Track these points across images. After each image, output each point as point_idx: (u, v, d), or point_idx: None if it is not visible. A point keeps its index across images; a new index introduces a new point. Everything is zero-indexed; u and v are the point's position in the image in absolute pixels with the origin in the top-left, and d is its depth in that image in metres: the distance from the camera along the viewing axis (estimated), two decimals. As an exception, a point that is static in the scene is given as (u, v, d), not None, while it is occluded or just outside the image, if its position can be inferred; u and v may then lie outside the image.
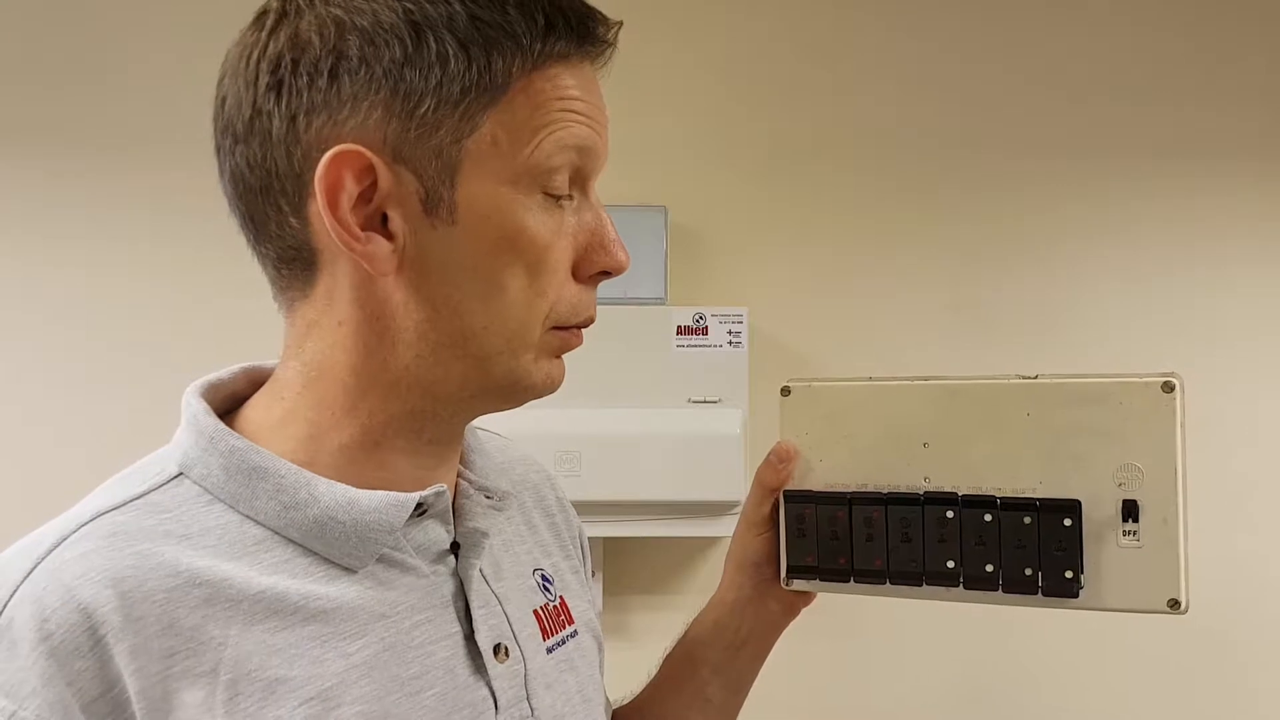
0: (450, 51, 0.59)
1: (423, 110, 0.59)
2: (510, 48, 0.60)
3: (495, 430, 0.86)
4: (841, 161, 2.03)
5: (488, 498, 0.72)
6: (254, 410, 0.66)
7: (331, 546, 0.62)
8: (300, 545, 0.61)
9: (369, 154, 0.59)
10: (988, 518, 0.79)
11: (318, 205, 0.60)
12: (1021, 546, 0.78)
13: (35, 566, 0.56)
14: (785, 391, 0.88)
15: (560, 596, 0.77)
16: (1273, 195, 2.06)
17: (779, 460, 0.86)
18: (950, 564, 0.80)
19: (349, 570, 0.62)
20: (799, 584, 0.87)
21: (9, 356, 1.95)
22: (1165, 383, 0.77)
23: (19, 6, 1.95)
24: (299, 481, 0.61)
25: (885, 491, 0.83)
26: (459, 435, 0.70)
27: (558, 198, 0.63)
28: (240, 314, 1.93)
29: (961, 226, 2.04)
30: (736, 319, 1.88)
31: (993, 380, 0.80)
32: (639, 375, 1.85)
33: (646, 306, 1.89)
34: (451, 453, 0.70)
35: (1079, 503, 0.77)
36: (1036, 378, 0.79)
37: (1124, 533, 0.77)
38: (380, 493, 0.63)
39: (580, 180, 0.65)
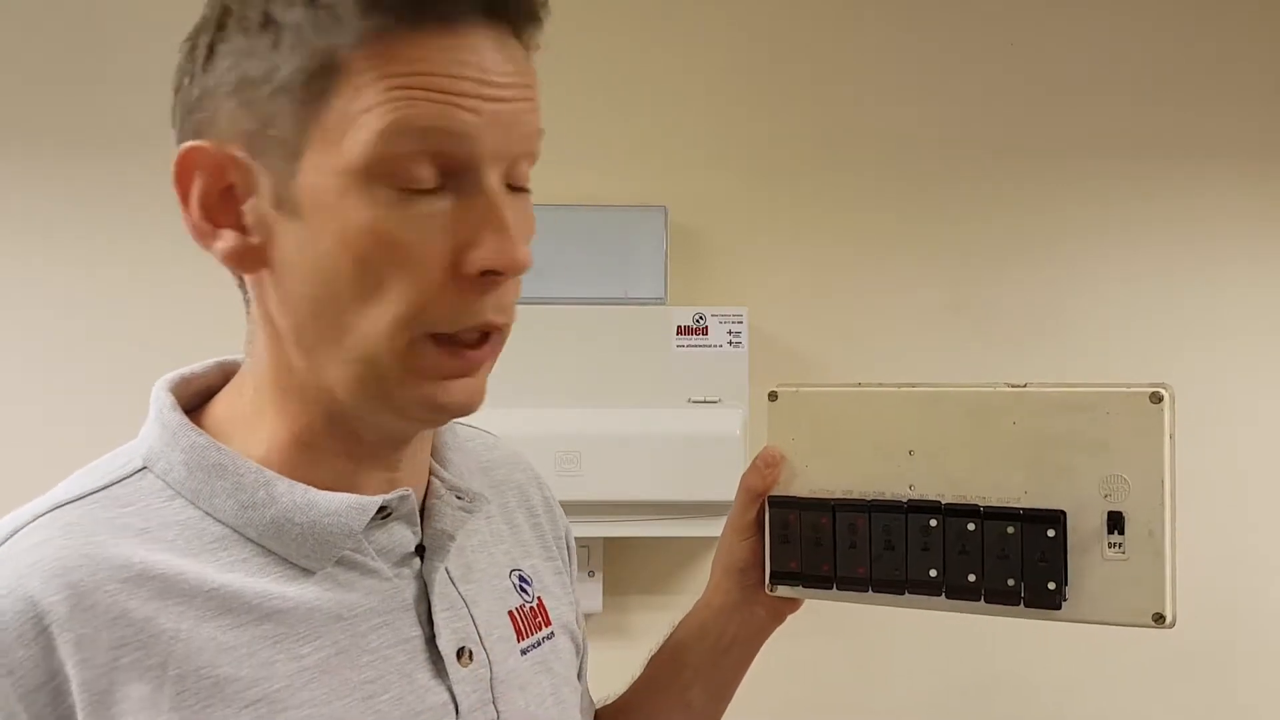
0: (284, 35, 0.56)
1: (261, 98, 0.56)
2: (335, 24, 0.55)
3: (485, 428, 0.85)
4: (841, 162, 2.03)
5: (459, 498, 0.70)
6: (219, 405, 0.66)
7: (289, 547, 0.60)
8: (258, 544, 0.60)
9: (212, 148, 0.58)
10: (970, 527, 0.78)
11: None
12: (1004, 557, 0.77)
13: None
14: (773, 397, 0.89)
15: (538, 598, 0.75)
16: (1272, 195, 2.06)
17: (765, 465, 0.86)
18: (933, 573, 0.80)
19: (307, 571, 0.61)
20: (783, 590, 0.86)
21: (10, 356, 1.95)
22: (1153, 393, 0.76)
23: (18, 6, 1.95)
24: (258, 481, 0.61)
25: (869, 499, 0.82)
26: (409, 439, 0.66)
27: (414, 190, 0.57)
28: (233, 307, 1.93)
29: (961, 226, 2.04)
30: (736, 319, 1.88)
31: (979, 389, 0.79)
32: (639, 375, 1.85)
33: (646, 306, 1.89)
34: (413, 453, 0.67)
35: (1063, 513, 0.76)
36: (1025, 386, 0.78)
37: (1109, 545, 0.75)
38: (341, 495, 0.62)
39: (454, 166, 0.58)
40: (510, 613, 0.71)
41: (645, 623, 1.91)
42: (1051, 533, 0.76)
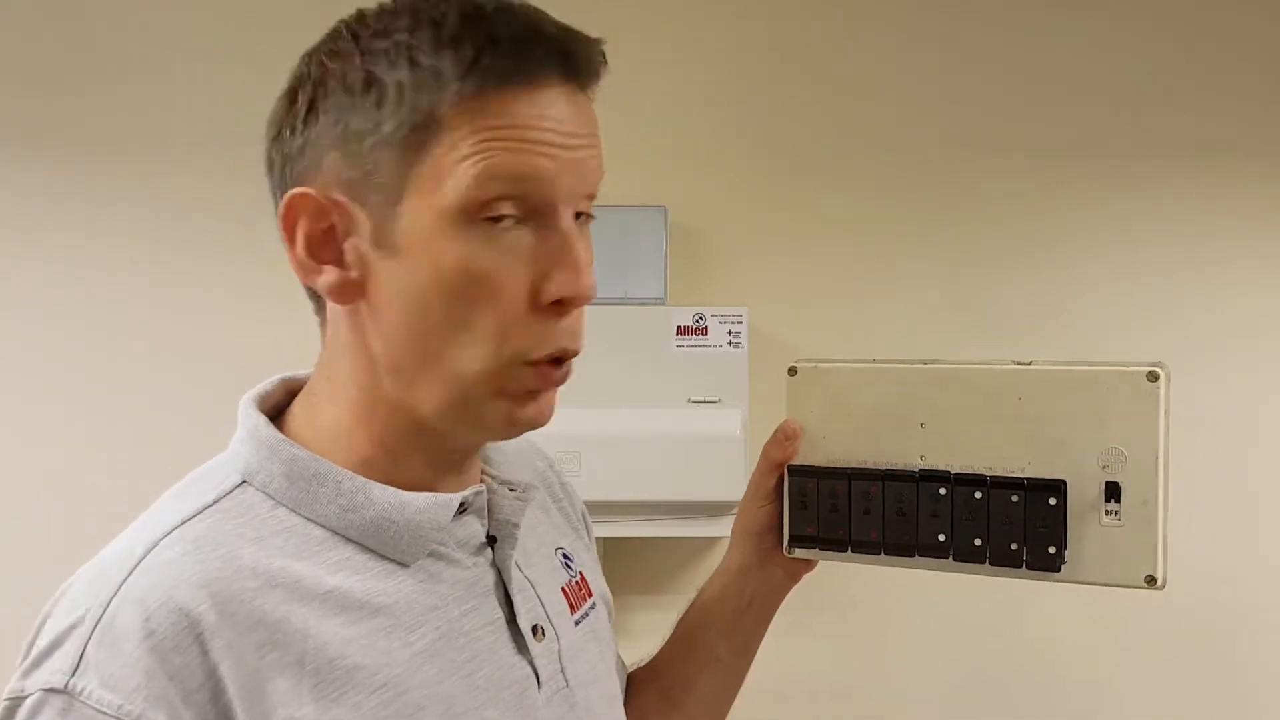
0: (387, 94, 0.63)
1: (365, 149, 0.64)
2: (438, 85, 0.63)
3: None
4: (841, 161, 2.03)
5: (511, 490, 0.77)
6: (297, 422, 0.72)
7: (387, 544, 0.67)
8: (358, 544, 0.67)
9: (317, 195, 0.65)
10: (978, 495, 0.83)
11: None
12: (1009, 523, 0.83)
13: (131, 573, 0.61)
14: (792, 371, 0.91)
15: (580, 572, 0.83)
16: (1272, 195, 2.06)
17: (784, 437, 0.91)
18: (941, 537, 0.85)
19: (402, 565, 0.68)
20: (800, 552, 0.92)
21: (10, 357, 1.95)
22: (1150, 372, 0.81)
23: (17, 6, 1.95)
24: (355, 486, 0.67)
25: (883, 468, 0.87)
26: (480, 447, 0.76)
27: (499, 222, 0.64)
28: (243, 312, 1.93)
29: (961, 226, 2.04)
30: (736, 319, 1.88)
31: (987, 366, 0.85)
32: (639, 375, 1.85)
33: (646, 306, 1.89)
34: (476, 458, 0.76)
35: (1064, 483, 0.82)
36: (1030, 364, 0.83)
37: (1106, 512, 0.81)
38: (427, 494, 0.69)
39: (535, 206, 0.66)
40: (563, 589, 0.79)
41: (645, 622, 1.90)
42: (1053, 500, 0.81)
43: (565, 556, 0.83)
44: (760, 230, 2.02)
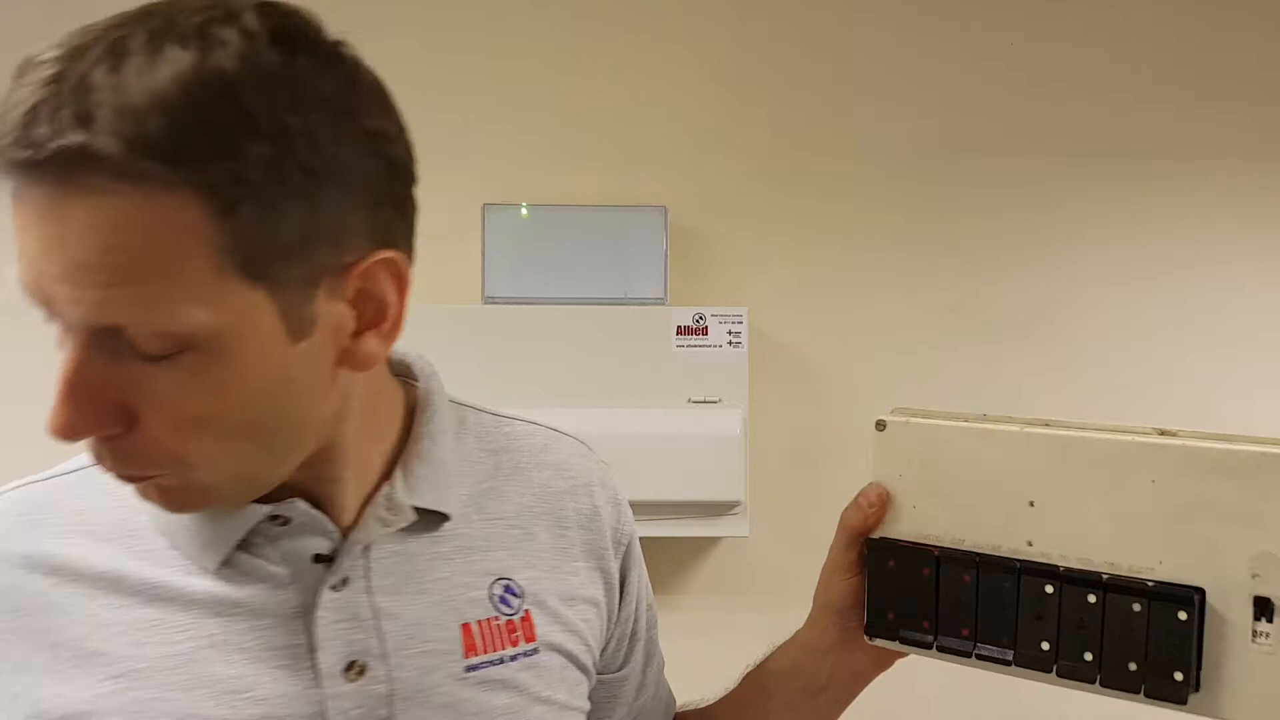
0: None
1: None
2: None
3: (562, 429, 0.85)
4: (841, 161, 2.03)
5: (388, 511, 0.68)
6: None
7: (182, 545, 0.65)
8: (166, 538, 0.65)
9: None
10: (1091, 599, 0.69)
11: None
12: (1127, 637, 0.68)
13: None
14: (880, 426, 0.79)
15: (526, 611, 0.73)
16: (1272, 195, 2.06)
17: (867, 504, 0.79)
18: (1045, 645, 0.71)
19: (204, 569, 0.65)
20: (880, 641, 0.79)
21: (12, 359, 1.95)
22: None
23: (16, 6, 1.95)
24: None
25: (979, 553, 0.73)
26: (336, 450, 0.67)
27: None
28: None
29: (961, 226, 2.04)
30: (736, 319, 1.88)
31: (1116, 435, 0.70)
32: (639, 375, 1.85)
33: (646, 306, 1.89)
34: (336, 472, 0.67)
35: (1201, 592, 0.66)
36: (1175, 435, 0.69)
37: (1255, 634, 0.65)
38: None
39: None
40: (466, 625, 0.70)
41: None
42: (1184, 615, 0.66)
43: (509, 589, 0.73)
44: (760, 230, 2.01)
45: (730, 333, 1.87)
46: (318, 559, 0.66)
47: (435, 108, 1.94)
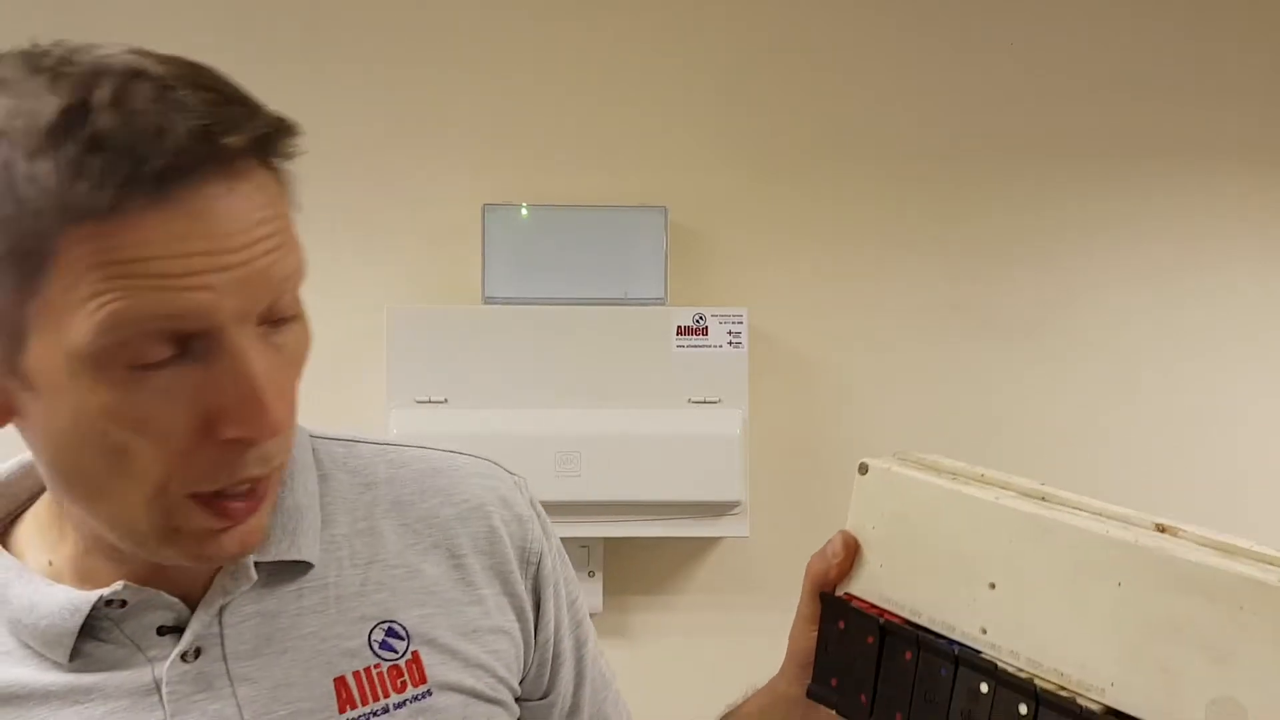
0: None
1: None
2: (39, 203, 0.50)
3: (452, 449, 0.80)
4: (841, 161, 2.03)
5: (231, 577, 0.66)
6: (36, 507, 0.68)
7: (32, 643, 0.63)
8: (18, 639, 0.63)
9: None
10: (1022, 709, 0.59)
11: None
12: None
13: None
14: (863, 469, 0.72)
15: (414, 652, 0.69)
16: (1272, 195, 2.06)
17: (832, 554, 0.74)
18: None
19: (58, 663, 0.63)
20: (821, 702, 0.73)
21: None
22: None
23: (14, 6, 1.95)
24: (1, 582, 0.63)
25: (923, 630, 0.66)
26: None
27: (150, 366, 0.53)
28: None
29: (961, 226, 2.04)
30: (736, 319, 1.88)
31: (1093, 522, 0.60)
32: (639, 375, 1.85)
33: (646, 306, 1.89)
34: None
35: None
36: (1174, 533, 0.58)
37: None
38: (61, 595, 0.62)
39: (197, 336, 0.54)
40: (340, 679, 0.67)
41: (645, 623, 1.91)
42: None
43: (391, 632, 0.69)
44: (760, 230, 2.01)
45: (730, 333, 1.87)
46: (161, 631, 0.64)
47: (435, 108, 1.94)
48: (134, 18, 1.96)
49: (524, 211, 1.90)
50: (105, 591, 0.61)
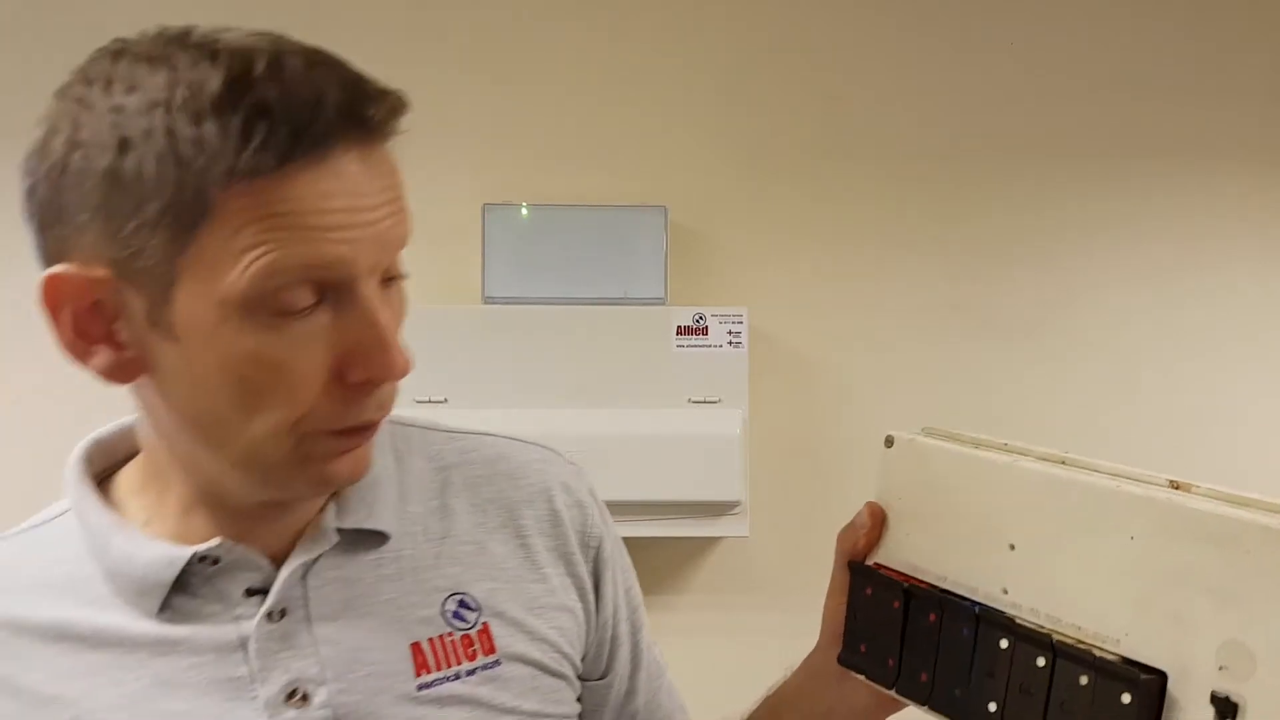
0: (146, 170, 0.56)
1: (126, 231, 0.57)
2: (204, 163, 0.55)
3: (521, 437, 0.83)
4: (841, 161, 2.03)
5: (312, 540, 0.70)
6: (125, 473, 0.72)
7: (126, 593, 0.66)
8: (114, 587, 0.67)
9: (79, 273, 0.59)
10: (1040, 662, 0.61)
11: None
12: (1072, 712, 0.59)
13: None
14: (889, 442, 0.73)
15: (484, 624, 0.73)
16: (1272, 195, 2.06)
17: (859, 525, 0.76)
18: (992, 707, 0.63)
19: (148, 614, 0.66)
20: (853, 671, 0.75)
21: (14, 361, 1.95)
22: None
23: (14, 6, 1.95)
24: (102, 534, 0.67)
25: (945, 592, 0.68)
26: (283, 505, 0.69)
27: (292, 312, 0.59)
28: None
29: (961, 226, 2.04)
30: (736, 319, 1.88)
31: (1102, 479, 0.61)
32: (639, 375, 1.85)
33: (646, 306, 1.89)
34: (282, 512, 0.69)
35: (1162, 677, 0.56)
36: (1187, 489, 0.59)
37: None
38: (159, 549, 0.66)
39: (334, 287, 0.60)
40: (416, 645, 0.70)
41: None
42: (1127, 698, 0.56)
43: (463, 604, 0.73)
44: (760, 230, 2.02)
45: (730, 333, 1.87)
46: (249, 593, 0.67)
47: (435, 108, 1.94)
48: (134, 17, 1.97)
49: (524, 211, 1.90)
50: (201, 547, 0.66)
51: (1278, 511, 0.54)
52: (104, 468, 0.72)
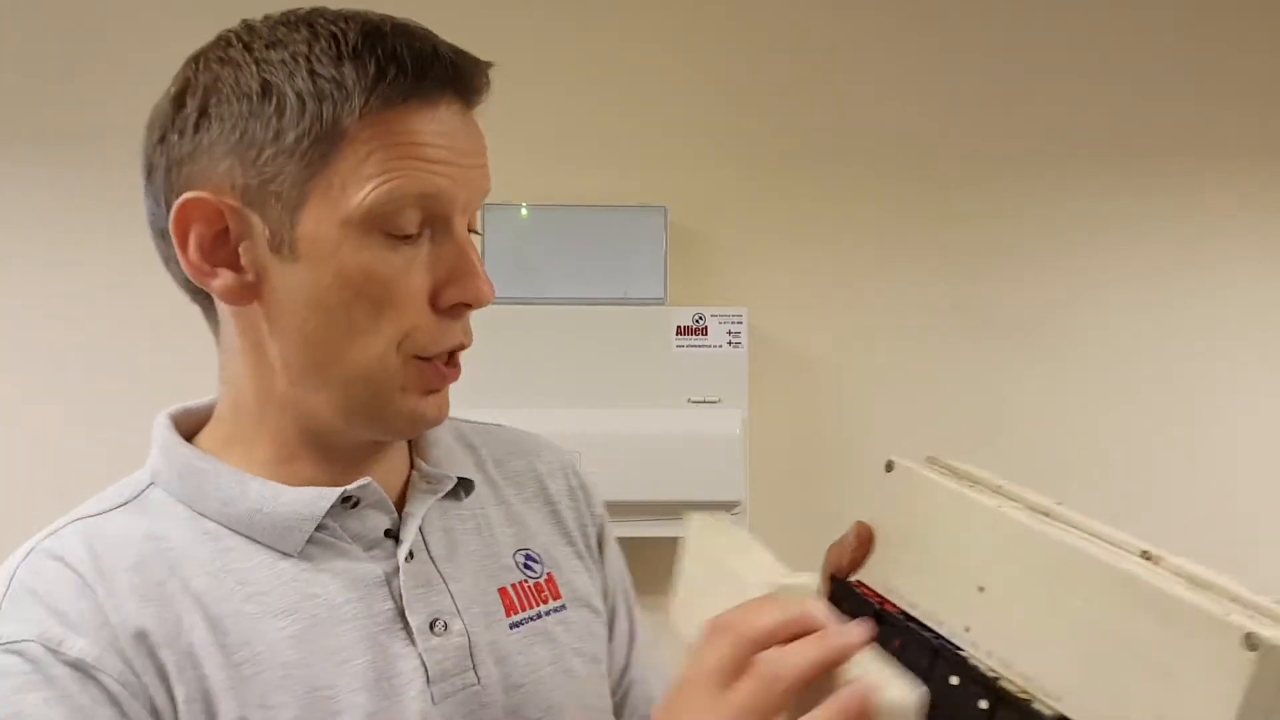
0: (288, 104, 0.65)
1: (263, 158, 0.66)
2: (341, 97, 0.65)
3: (518, 427, 0.93)
4: (841, 161, 2.03)
5: (428, 484, 0.78)
6: (204, 434, 0.76)
7: (263, 534, 0.70)
8: (243, 535, 0.70)
9: (211, 199, 0.67)
10: (983, 704, 0.62)
11: None
12: None
13: (30, 552, 0.68)
14: (889, 467, 0.76)
15: (548, 574, 0.82)
16: (1273, 195, 2.06)
17: (847, 543, 0.79)
18: None
19: (286, 555, 0.70)
20: None
21: (14, 360, 1.95)
22: (1248, 637, 0.51)
23: (13, 6, 1.95)
24: (233, 480, 0.71)
25: (909, 619, 0.69)
26: (380, 447, 0.76)
27: (402, 236, 0.67)
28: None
29: (961, 226, 2.04)
30: (736, 319, 1.88)
31: (1073, 541, 0.62)
32: (639, 375, 1.85)
33: (646, 306, 1.89)
34: (382, 454, 0.76)
35: None
36: (1155, 561, 0.59)
37: None
38: (305, 488, 0.71)
39: (433, 219, 0.69)
40: (502, 589, 0.78)
41: (645, 623, 1.91)
42: None
43: (529, 558, 0.82)
44: (760, 230, 2.02)
45: (730, 333, 1.87)
46: (387, 534, 0.74)
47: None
48: (134, 17, 1.97)
49: (524, 211, 1.90)
50: (351, 486, 0.72)
51: (1237, 600, 0.54)
52: (185, 429, 0.76)
